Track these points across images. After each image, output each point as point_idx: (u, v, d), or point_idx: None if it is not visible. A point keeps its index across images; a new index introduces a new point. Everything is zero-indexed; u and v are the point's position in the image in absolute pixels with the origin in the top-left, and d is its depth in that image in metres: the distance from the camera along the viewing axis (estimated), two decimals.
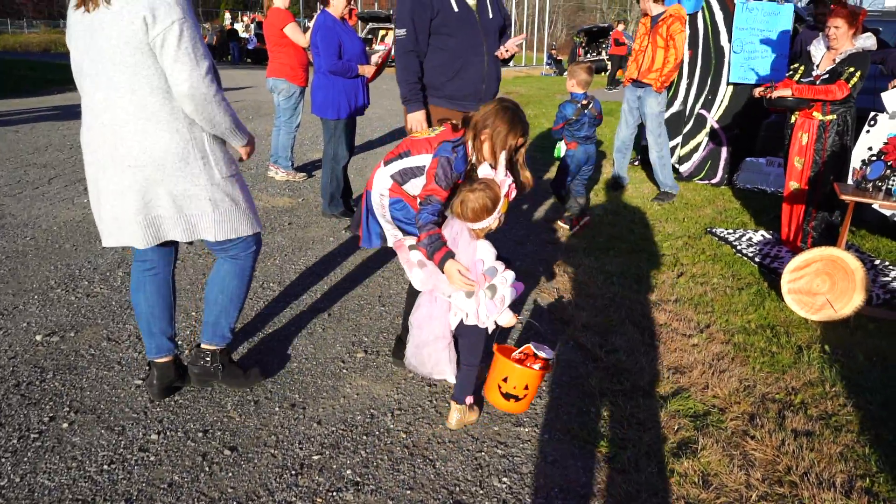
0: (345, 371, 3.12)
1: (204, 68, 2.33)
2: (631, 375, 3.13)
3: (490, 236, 2.65)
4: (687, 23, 6.28)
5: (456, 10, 3.60)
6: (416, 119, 3.70)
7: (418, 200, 2.72)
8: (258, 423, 2.67)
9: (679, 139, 7.22)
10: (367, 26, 26.12)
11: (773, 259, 4.78)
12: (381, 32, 25.14)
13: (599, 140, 9.78)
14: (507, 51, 3.80)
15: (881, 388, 3.12)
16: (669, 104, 7.14)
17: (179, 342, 3.23)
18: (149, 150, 2.37)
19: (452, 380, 2.77)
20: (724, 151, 7.12)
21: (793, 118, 4.77)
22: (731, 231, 5.47)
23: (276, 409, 2.78)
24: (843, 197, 3.79)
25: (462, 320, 2.65)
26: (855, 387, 3.12)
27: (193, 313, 3.60)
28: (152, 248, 2.64)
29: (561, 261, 4.68)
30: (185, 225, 2.50)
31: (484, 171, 2.61)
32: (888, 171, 3.70)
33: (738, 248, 5.03)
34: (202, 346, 2.83)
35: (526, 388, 2.63)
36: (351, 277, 4.26)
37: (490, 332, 2.68)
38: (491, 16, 3.74)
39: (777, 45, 6.64)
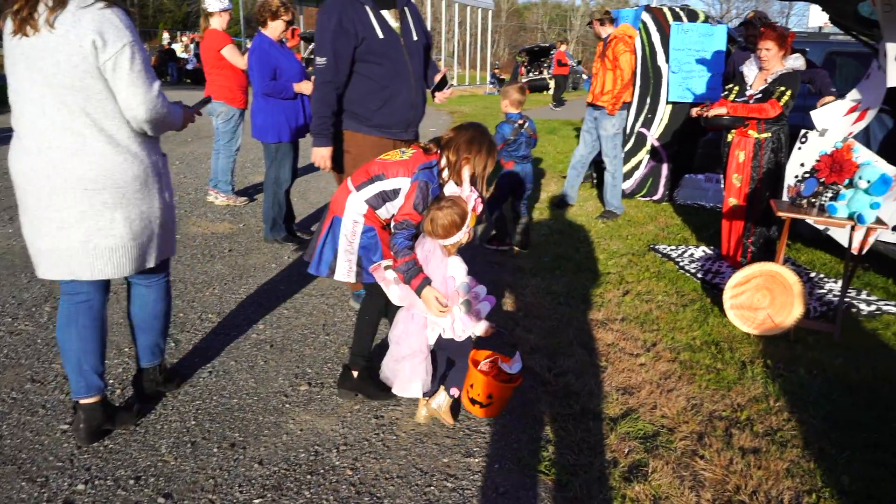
0: (288, 406, 3.00)
1: (156, 89, 2.38)
2: (580, 398, 3.11)
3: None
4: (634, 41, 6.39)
5: (381, 36, 3.45)
6: (322, 155, 3.57)
7: (393, 223, 2.77)
8: (195, 467, 2.53)
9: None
10: (311, 46, 25.95)
11: (715, 274, 4.87)
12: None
13: (538, 158, 9.89)
14: (444, 98, 3.82)
15: (822, 400, 3.18)
16: None
17: (110, 380, 3.06)
18: (109, 173, 2.35)
19: (419, 395, 2.81)
20: (664, 168, 7.26)
21: (729, 136, 4.89)
22: (673, 247, 5.56)
23: (215, 449, 2.64)
24: (780, 213, 3.87)
25: (440, 335, 2.76)
26: (798, 401, 3.17)
27: (126, 349, 3.43)
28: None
29: (507, 282, 4.66)
30: (136, 252, 2.50)
31: (450, 189, 2.75)
32: (821, 188, 3.80)
33: (681, 264, 5.11)
34: (144, 367, 2.93)
35: (490, 396, 2.70)
36: (294, 306, 4.14)
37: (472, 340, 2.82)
38: (416, 38, 3.63)
39: (712, 65, 6.83)
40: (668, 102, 7.07)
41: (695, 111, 4.96)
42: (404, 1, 3.62)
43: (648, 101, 7.13)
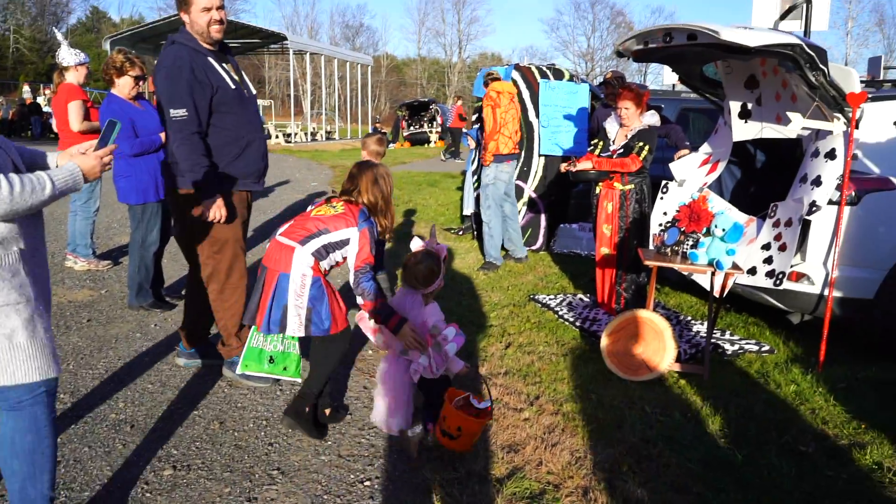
0: (148, 495, 2.72)
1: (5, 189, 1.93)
2: (465, 461, 3.03)
3: None
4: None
5: (233, 87, 3.50)
6: (219, 206, 3.45)
7: (355, 269, 3.00)
8: None
9: None
10: None
11: (592, 322, 5.00)
12: None
13: (420, 209, 9.97)
14: None
15: (697, 443, 3.28)
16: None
17: None
18: None
19: (396, 431, 3.09)
20: (542, 219, 7.49)
21: (597, 189, 5.12)
22: (552, 297, 5.69)
23: None
24: (647, 262, 4.05)
25: (422, 376, 3.05)
26: (675, 445, 3.25)
27: None
28: None
29: None
30: None
31: (415, 245, 3.16)
32: (682, 237, 4.02)
33: (560, 313, 5.22)
34: None
35: (458, 429, 2.88)
36: (160, 379, 3.84)
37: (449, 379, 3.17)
38: (254, 91, 3.77)
39: (577, 120, 7.19)
40: (540, 155, 7.35)
41: (563, 167, 5.21)
42: (234, 61, 3.68)
43: (523, 154, 7.37)
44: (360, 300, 3.04)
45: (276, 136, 26.05)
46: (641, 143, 4.85)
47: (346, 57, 32.87)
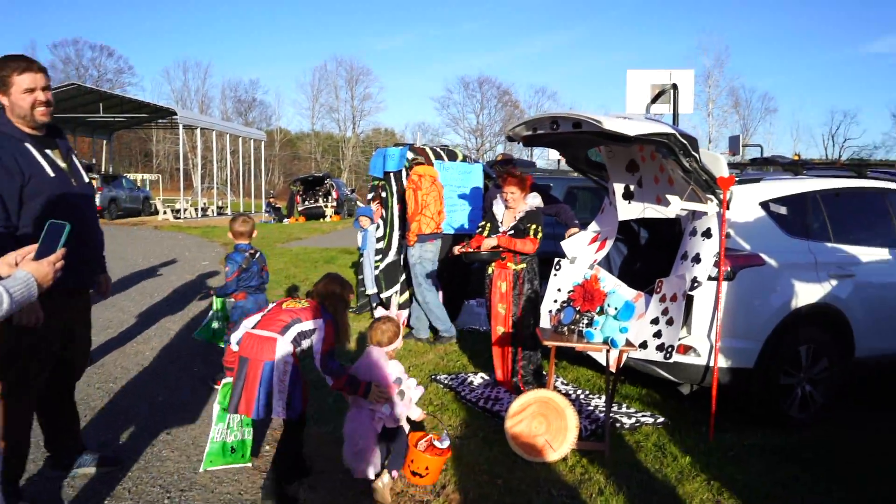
0: None
1: None
2: None
3: None
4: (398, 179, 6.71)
5: (52, 174, 3.19)
6: (33, 309, 3.02)
7: (321, 352, 3.39)
8: None
9: (396, 287, 7.48)
10: None
11: (494, 402, 4.99)
12: None
13: (308, 287, 9.79)
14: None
15: None
16: (384, 255, 7.42)
17: None
18: None
19: (372, 476, 3.48)
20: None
21: (490, 269, 5.24)
22: (453, 376, 5.66)
23: None
24: (545, 342, 4.12)
25: (385, 424, 3.54)
26: None
27: None
28: None
29: None
30: None
31: (378, 313, 4.00)
32: (577, 316, 4.14)
33: (462, 393, 5.18)
34: None
35: (426, 468, 3.51)
36: None
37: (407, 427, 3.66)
38: (87, 180, 3.50)
39: (471, 199, 7.38)
40: None
41: (457, 249, 5.35)
42: (66, 145, 3.45)
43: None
44: (329, 380, 3.50)
45: (165, 212, 25.14)
46: (533, 225, 5.04)
47: (238, 132, 32.60)
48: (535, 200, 5.23)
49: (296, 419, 3.40)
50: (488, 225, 5.31)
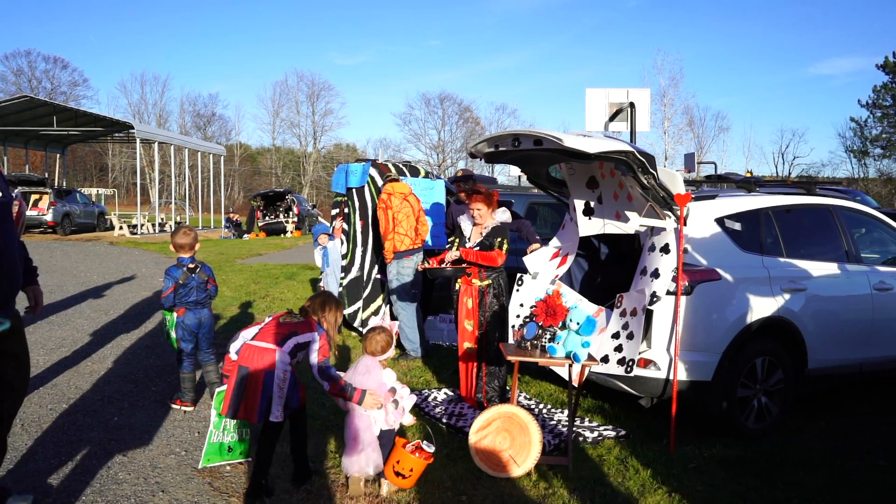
0: None
1: None
2: None
3: None
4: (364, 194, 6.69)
5: None
6: None
7: (318, 362, 3.67)
8: None
9: (360, 303, 7.45)
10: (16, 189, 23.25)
11: (459, 417, 4.99)
12: (34, 197, 22.63)
13: (269, 304, 9.67)
14: None
15: None
16: (348, 271, 7.39)
17: None
18: None
19: (373, 475, 3.75)
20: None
21: (457, 285, 5.25)
22: (417, 391, 5.63)
23: None
24: (509, 357, 4.15)
25: (381, 428, 3.81)
26: None
27: None
28: None
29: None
30: None
31: (374, 321, 4.36)
32: (540, 331, 4.17)
33: (426, 409, 5.17)
34: None
35: (411, 470, 3.63)
36: None
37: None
38: (5, 198, 3.22)
39: (434, 215, 7.40)
40: None
41: (420, 266, 5.35)
42: None
43: (381, 249, 7.42)
44: (326, 386, 3.72)
45: (121, 227, 24.56)
46: (499, 239, 5.08)
47: (197, 146, 32.10)
48: (503, 216, 5.26)
49: (273, 425, 3.63)
50: (457, 241, 5.34)
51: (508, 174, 17.79)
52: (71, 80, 55.43)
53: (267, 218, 28.34)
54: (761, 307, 4.76)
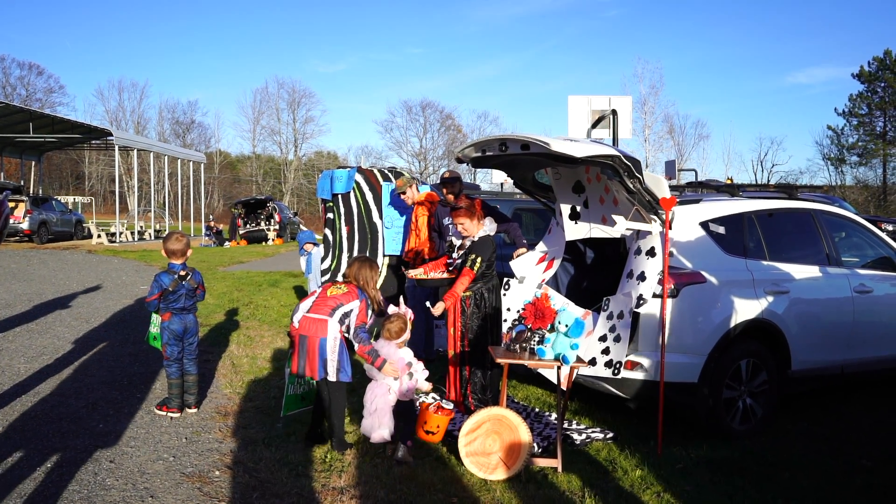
0: None
1: None
2: None
3: None
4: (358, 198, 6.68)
5: None
6: None
7: (355, 325, 4.33)
8: None
9: None
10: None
11: None
12: (10, 204, 22.26)
13: (253, 311, 9.60)
14: None
15: None
16: (332, 276, 7.37)
17: None
18: None
19: (388, 438, 4.22)
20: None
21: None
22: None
23: None
24: (498, 360, 4.17)
25: (397, 397, 4.29)
26: None
27: None
28: None
29: (239, 458, 4.25)
30: None
31: (391, 310, 4.57)
32: (529, 334, 4.20)
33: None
34: None
35: (438, 426, 4.29)
36: None
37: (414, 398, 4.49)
38: None
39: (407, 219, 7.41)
40: (385, 255, 7.44)
41: (410, 273, 5.36)
42: None
43: (368, 254, 7.42)
44: (356, 346, 4.28)
45: (99, 236, 24.27)
46: (474, 256, 5.02)
47: (176, 154, 31.85)
48: (490, 227, 5.21)
49: (348, 380, 4.35)
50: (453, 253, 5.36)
51: (490, 181, 17.82)
52: (46, 87, 54.84)
53: (248, 226, 28.14)
54: (745, 309, 4.83)
